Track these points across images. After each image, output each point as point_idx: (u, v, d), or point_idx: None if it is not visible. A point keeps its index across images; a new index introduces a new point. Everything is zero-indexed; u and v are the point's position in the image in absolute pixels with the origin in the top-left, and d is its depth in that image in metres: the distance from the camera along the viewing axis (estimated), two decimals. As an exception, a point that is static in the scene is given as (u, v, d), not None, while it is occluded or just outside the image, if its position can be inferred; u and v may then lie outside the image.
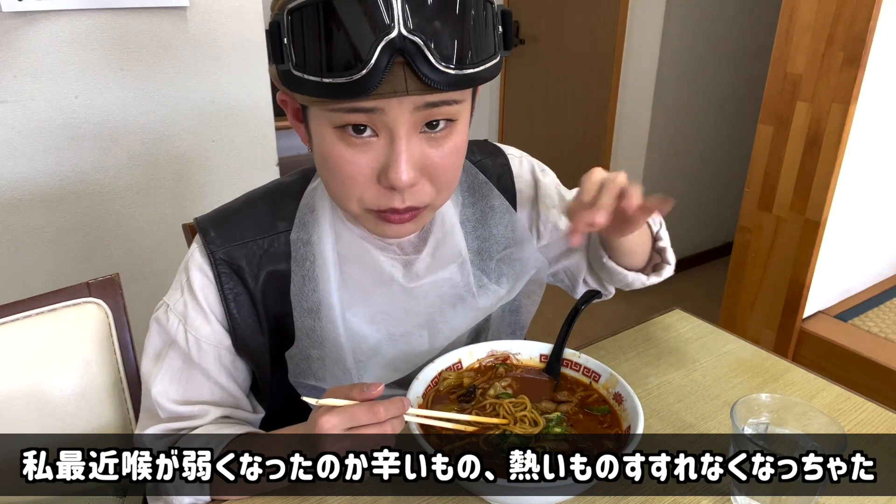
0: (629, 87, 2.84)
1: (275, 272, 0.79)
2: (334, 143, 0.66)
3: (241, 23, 1.82)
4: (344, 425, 0.61)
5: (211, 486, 0.72)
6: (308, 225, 0.79)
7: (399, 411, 0.63)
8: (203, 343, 0.78)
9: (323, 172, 0.72)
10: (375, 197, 0.69)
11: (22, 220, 1.70)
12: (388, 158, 0.65)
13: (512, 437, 0.72)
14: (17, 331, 0.86)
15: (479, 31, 0.63)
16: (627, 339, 1.06)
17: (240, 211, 0.81)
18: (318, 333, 0.79)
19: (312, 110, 0.68)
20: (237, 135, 1.93)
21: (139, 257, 1.89)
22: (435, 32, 0.60)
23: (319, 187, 0.81)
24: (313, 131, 0.69)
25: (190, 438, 0.76)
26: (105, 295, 0.91)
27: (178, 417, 0.78)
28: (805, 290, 1.85)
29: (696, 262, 3.31)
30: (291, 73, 0.62)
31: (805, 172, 1.77)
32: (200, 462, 0.67)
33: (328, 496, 0.74)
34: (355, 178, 0.67)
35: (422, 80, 0.61)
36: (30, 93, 1.61)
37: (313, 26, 0.60)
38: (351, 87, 0.60)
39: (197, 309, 0.78)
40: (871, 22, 1.56)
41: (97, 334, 0.90)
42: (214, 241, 0.78)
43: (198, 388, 0.79)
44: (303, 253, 0.79)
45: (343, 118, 0.64)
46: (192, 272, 0.78)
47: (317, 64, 0.60)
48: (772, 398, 0.73)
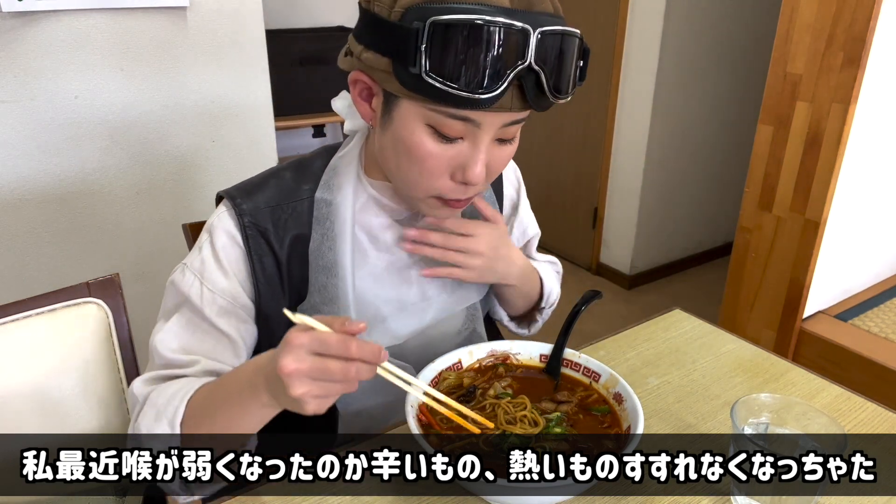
0: (629, 87, 2.84)
1: (299, 236, 0.83)
2: (424, 137, 0.72)
3: (241, 23, 1.82)
4: (312, 347, 0.58)
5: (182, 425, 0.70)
6: (332, 187, 0.84)
7: (372, 357, 0.59)
8: (218, 297, 0.79)
9: (400, 158, 0.75)
10: (446, 188, 0.76)
11: (22, 220, 1.70)
12: (468, 159, 0.73)
13: (512, 438, 0.72)
14: (17, 331, 0.86)
15: (573, 67, 0.73)
16: (627, 339, 1.06)
17: (265, 181, 0.85)
18: (330, 291, 0.82)
19: (407, 103, 0.71)
20: (237, 135, 1.92)
21: (139, 257, 1.89)
22: (552, 66, 0.69)
23: (347, 155, 0.85)
24: (400, 120, 0.72)
25: (172, 382, 0.75)
26: (105, 295, 0.91)
27: (170, 365, 0.78)
28: (805, 290, 1.85)
29: (696, 262, 3.31)
30: (418, 76, 0.66)
31: (805, 172, 1.77)
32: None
33: (328, 496, 0.74)
34: (433, 171, 0.74)
35: (527, 101, 0.70)
36: (30, 93, 1.61)
37: (458, 43, 0.64)
38: (473, 100, 0.66)
39: (216, 265, 0.80)
40: (871, 22, 1.56)
41: (97, 334, 0.90)
42: (242, 206, 0.81)
43: (201, 342, 0.79)
44: (325, 213, 0.83)
45: (441, 121, 0.70)
46: (216, 233, 0.81)
47: (452, 76, 0.65)
48: (772, 398, 0.73)
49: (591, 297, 0.91)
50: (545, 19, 0.67)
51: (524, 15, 0.66)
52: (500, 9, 0.65)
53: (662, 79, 2.73)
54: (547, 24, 0.67)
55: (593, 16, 2.90)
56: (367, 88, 0.76)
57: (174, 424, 0.70)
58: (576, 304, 0.90)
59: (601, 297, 0.93)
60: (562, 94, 0.72)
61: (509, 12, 0.65)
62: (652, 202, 2.97)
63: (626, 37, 2.79)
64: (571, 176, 3.21)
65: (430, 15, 0.64)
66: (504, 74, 0.66)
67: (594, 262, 3.23)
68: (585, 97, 3.02)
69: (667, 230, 3.12)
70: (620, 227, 3.06)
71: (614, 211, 3.07)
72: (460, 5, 0.64)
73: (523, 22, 0.65)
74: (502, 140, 0.75)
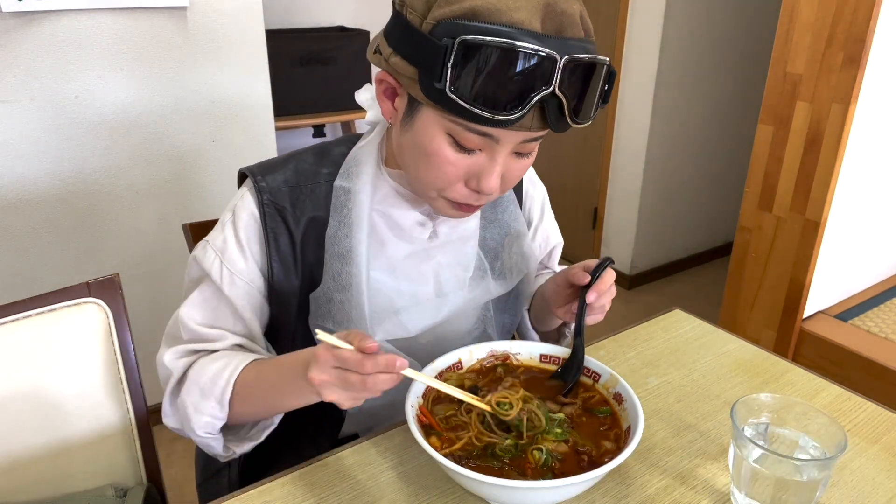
0: (629, 88, 2.84)
1: (315, 218, 0.85)
2: (443, 145, 0.73)
3: (241, 23, 1.82)
4: (334, 363, 0.65)
5: (230, 403, 0.78)
6: (352, 175, 0.85)
7: (387, 368, 0.64)
8: (236, 278, 0.83)
9: (418, 160, 0.77)
10: (459, 194, 0.77)
11: (22, 220, 1.70)
12: (484, 170, 0.74)
13: (511, 440, 0.72)
14: (17, 331, 0.85)
15: (597, 92, 0.73)
16: (627, 339, 1.06)
17: (286, 161, 0.88)
18: (345, 278, 0.84)
19: (429, 110, 0.72)
20: (237, 135, 1.93)
21: (139, 257, 1.89)
22: (575, 93, 0.70)
23: (367, 146, 0.87)
24: (421, 124, 0.74)
25: (209, 360, 0.81)
26: (105, 295, 0.90)
27: (199, 339, 0.84)
28: (805, 290, 1.85)
29: (696, 262, 3.31)
30: (443, 92, 0.66)
31: (805, 172, 1.77)
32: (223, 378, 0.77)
33: (328, 496, 0.74)
34: (449, 177, 0.75)
35: (547, 123, 0.71)
36: (30, 93, 1.61)
37: (485, 65, 0.65)
38: (495, 121, 0.67)
39: (236, 245, 0.83)
40: (871, 22, 1.56)
41: (97, 334, 0.90)
42: (261, 183, 0.84)
43: (223, 318, 0.84)
44: (342, 200, 0.84)
45: (461, 133, 0.71)
46: (238, 211, 0.84)
47: (475, 97, 0.66)
48: (772, 398, 0.73)
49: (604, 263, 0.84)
50: (574, 45, 0.67)
51: (554, 41, 0.66)
52: (530, 33, 0.65)
53: (662, 79, 2.73)
54: (575, 50, 0.67)
55: (593, 16, 2.88)
56: (392, 88, 0.77)
57: (223, 402, 0.78)
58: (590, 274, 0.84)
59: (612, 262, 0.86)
60: (582, 120, 0.72)
61: (539, 37, 0.65)
62: (652, 202, 2.97)
63: (626, 37, 2.79)
64: (571, 176, 3.21)
65: (460, 32, 0.64)
66: (527, 99, 0.66)
67: (594, 262, 3.22)
68: (585, 97, 3.02)
69: (667, 230, 3.12)
70: (620, 227, 3.06)
71: (614, 211, 3.07)
72: (492, 25, 0.64)
73: (552, 48, 0.65)
74: (520, 154, 0.76)
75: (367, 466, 0.78)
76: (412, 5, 0.69)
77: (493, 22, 0.64)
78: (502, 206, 0.95)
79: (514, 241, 0.96)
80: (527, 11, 0.65)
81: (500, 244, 0.95)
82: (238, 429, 0.85)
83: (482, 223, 0.94)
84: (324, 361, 0.66)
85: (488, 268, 0.94)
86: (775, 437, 0.73)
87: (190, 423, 0.80)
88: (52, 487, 0.88)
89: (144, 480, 0.95)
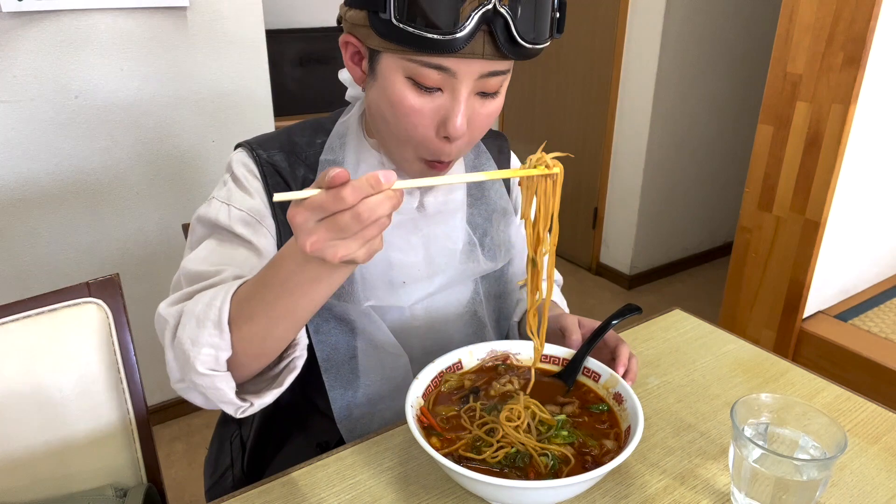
0: (629, 87, 2.84)
1: (310, 180, 0.86)
2: (405, 90, 0.73)
3: (241, 23, 1.82)
4: (314, 217, 0.55)
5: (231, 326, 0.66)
6: (336, 149, 0.87)
7: (374, 187, 0.55)
8: (247, 215, 0.82)
9: (386, 114, 0.77)
10: (431, 146, 0.77)
11: (22, 219, 1.70)
12: (449, 111, 0.74)
13: (517, 449, 0.72)
14: (17, 331, 0.85)
15: (548, 14, 0.73)
16: (627, 339, 1.06)
17: (280, 133, 0.90)
18: None
19: (387, 57, 0.73)
20: (237, 135, 1.93)
21: (139, 257, 1.89)
22: (520, 10, 0.70)
23: (350, 119, 0.89)
24: (382, 75, 0.75)
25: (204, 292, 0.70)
26: (105, 295, 0.90)
27: (196, 277, 0.75)
28: (805, 290, 1.85)
29: (696, 262, 3.31)
30: (389, 22, 0.68)
31: (805, 172, 1.77)
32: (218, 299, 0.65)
33: (328, 496, 0.74)
34: (417, 125, 0.75)
35: (498, 48, 0.70)
36: (30, 93, 1.61)
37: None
38: (442, 44, 0.68)
39: (239, 189, 0.84)
40: (871, 22, 1.56)
41: (97, 334, 0.90)
42: (258, 149, 0.86)
43: (230, 256, 0.79)
44: None
45: (418, 71, 0.71)
46: (236, 168, 0.85)
47: (418, 19, 0.67)
48: (772, 398, 0.73)
49: (628, 311, 0.88)
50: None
51: None
52: None
53: (662, 79, 2.73)
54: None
55: (593, 16, 2.90)
56: (357, 52, 0.78)
57: (221, 325, 0.65)
58: (611, 316, 0.87)
59: (640, 312, 0.89)
60: (534, 42, 0.72)
61: None
62: (652, 202, 2.97)
63: (626, 37, 2.79)
64: (571, 176, 3.21)
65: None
66: (468, 16, 0.67)
67: (594, 263, 3.23)
68: (585, 97, 3.02)
69: (667, 230, 3.12)
70: (620, 227, 3.06)
71: (614, 211, 3.07)
72: None
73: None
74: (484, 94, 0.76)
75: (367, 466, 0.78)
76: None
77: None
78: (488, 183, 0.96)
79: (501, 218, 0.97)
80: None
81: (487, 220, 0.96)
82: (256, 380, 0.73)
83: (469, 200, 0.95)
84: (303, 221, 0.55)
85: (477, 243, 0.95)
86: (775, 437, 0.73)
87: (190, 362, 0.66)
88: (52, 487, 0.88)
89: (144, 480, 0.95)
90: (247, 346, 0.66)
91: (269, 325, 0.65)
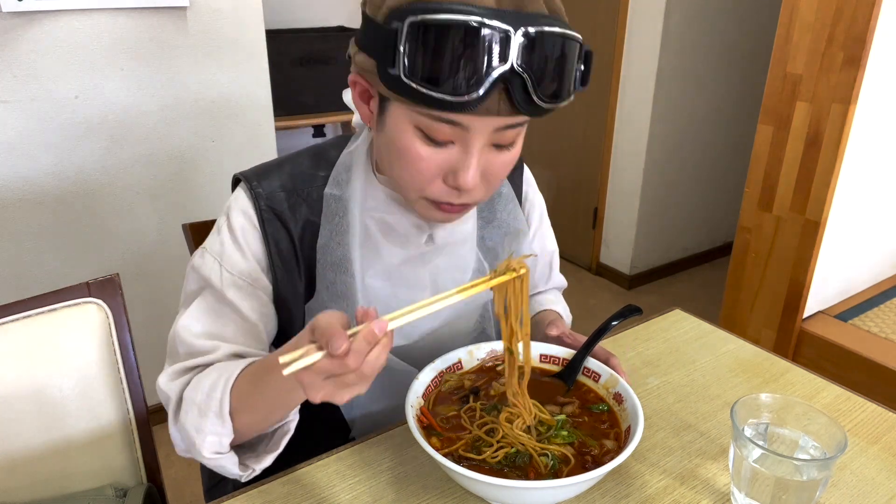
0: (629, 88, 2.84)
1: (313, 222, 0.83)
2: (413, 140, 0.70)
3: (241, 23, 1.82)
4: (321, 377, 0.59)
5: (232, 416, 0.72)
6: (342, 183, 0.83)
7: (371, 343, 0.57)
8: (238, 279, 0.80)
9: (392, 160, 0.75)
10: (438, 192, 0.74)
11: (22, 220, 1.70)
12: (460, 164, 0.70)
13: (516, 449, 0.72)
14: (17, 331, 0.85)
15: (572, 70, 0.68)
16: (627, 339, 1.06)
17: (281, 165, 0.85)
18: (338, 287, 0.82)
19: (396, 105, 0.70)
20: (237, 135, 1.93)
21: (139, 257, 1.89)
22: (539, 70, 0.64)
23: (357, 150, 0.84)
24: (391, 122, 0.71)
25: (202, 375, 0.76)
26: (105, 295, 0.90)
27: (195, 352, 0.79)
28: (805, 290, 1.85)
29: (696, 262, 3.31)
30: (399, 79, 0.63)
31: (805, 172, 1.77)
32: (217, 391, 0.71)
33: (329, 496, 0.74)
34: (424, 173, 0.72)
35: (515, 106, 0.66)
36: (30, 93, 1.61)
37: (435, 45, 0.62)
38: (455, 104, 0.64)
39: (234, 246, 0.81)
40: (871, 22, 1.56)
41: (97, 334, 0.90)
42: (257, 189, 0.82)
43: (224, 325, 0.80)
44: (333, 208, 0.82)
45: (429, 124, 0.68)
46: (233, 215, 0.82)
47: (430, 78, 0.63)
48: (772, 398, 0.73)
49: (629, 312, 0.88)
50: (535, 20, 0.63)
51: (511, 15, 0.62)
52: (485, 9, 0.61)
53: (662, 79, 2.73)
54: (536, 23, 0.63)
55: (593, 16, 2.90)
56: (365, 91, 0.75)
57: (223, 415, 0.71)
58: (611, 317, 0.86)
59: (640, 313, 0.89)
60: (554, 100, 0.67)
61: (495, 13, 0.61)
62: (652, 202, 2.97)
63: (626, 37, 2.79)
64: (571, 176, 3.21)
65: (410, 14, 0.62)
66: (484, 78, 0.62)
67: (594, 263, 3.23)
68: (585, 98, 3.02)
69: (667, 230, 3.12)
70: (620, 227, 3.06)
71: (614, 211, 3.07)
72: (443, 5, 0.61)
73: (507, 23, 0.61)
74: (499, 145, 0.72)
75: (367, 466, 0.78)
76: (372, 0, 0.68)
77: (446, 1, 0.61)
78: (501, 203, 0.94)
79: (514, 239, 0.95)
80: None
81: (499, 244, 0.94)
82: (254, 444, 0.80)
83: (480, 223, 0.92)
84: (310, 383, 0.59)
85: (487, 268, 0.92)
86: (775, 437, 0.73)
87: (196, 447, 0.74)
88: (52, 487, 0.88)
89: (144, 480, 0.95)
90: (246, 429, 0.74)
91: (268, 414, 0.73)
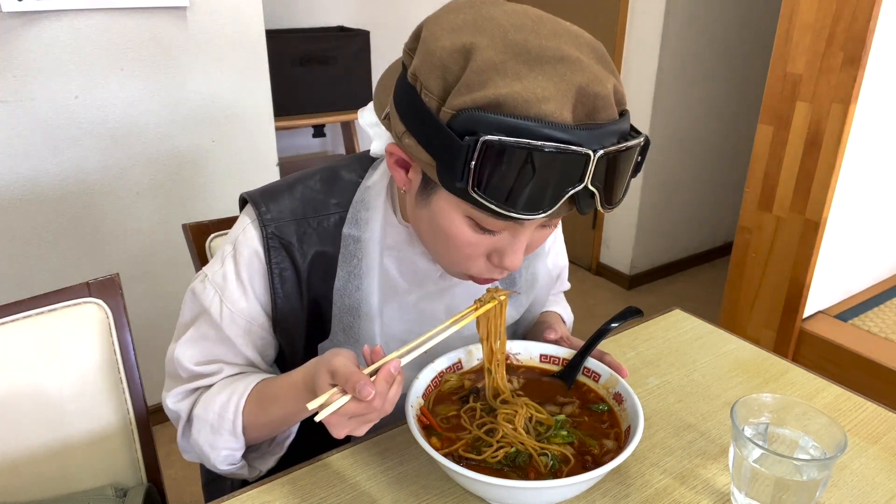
0: (629, 87, 2.83)
1: (323, 253, 0.80)
2: (462, 227, 0.68)
3: (241, 23, 1.82)
4: (347, 416, 0.63)
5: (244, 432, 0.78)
6: (360, 223, 0.80)
7: (389, 383, 0.63)
8: (237, 317, 0.80)
9: (436, 237, 0.72)
10: (480, 269, 0.72)
11: (22, 220, 1.70)
12: (508, 248, 0.69)
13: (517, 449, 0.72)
14: (17, 331, 0.85)
15: (633, 168, 0.66)
16: (627, 338, 1.06)
17: (292, 188, 0.82)
18: (356, 331, 0.81)
19: (446, 193, 0.66)
20: (237, 135, 1.93)
21: (139, 257, 1.89)
22: (610, 184, 0.64)
23: (375, 186, 0.80)
24: (438, 205, 0.68)
25: (211, 394, 0.80)
26: (105, 295, 0.90)
27: (196, 376, 0.82)
28: (805, 290, 1.85)
29: (696, 262, 3.31)
30: (465, 189, 0.61)
31: (805, 172, 1.77)
32: (229, 411, 0.76)
33: (329, 496, 0.74)
34: (470, 256, 0.71)
35: (578, 211, 0.65)
36: (30, 93, 1.61)
37: (509, 167, 0.59)
38: (521, 217, 0.62)
39: (237, 283, 0.79)
40: (871, 22, 1.56)
41: (97, 334, 0.90)
42: (266, 215, 0.79)
43: (220, 353, 0.82)
44: (352, 250, 0.80)
45: (482, 217, 0.65)
46: (240, 247, 0.80)
47: (500, 197, 0.60)
48: (772, 398, 0.73)
49: (629, 314, 0.87)
50: (609, 132, 0.61)
51: (586, 133, 0.59)
52: (560, 126, 0.58)
53: (662, 79, 2.73)
54: (610, 138, 0.61)
55: (593, 16, 2.90)
56: (405, 161, 0.70)
57: (236, 433, 0.78)
58: (611, 318, 0.86)
59: (641, 315, 0.89)
60: (615, 206, 0.67)
61: (570, 130, 0.58)
62: (652, 202, 2.97)
63: (626, 37, 2.79)
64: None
65: (482, 128, 0.58)
66: (558, 198, 0.61)
67: (594, 262, 3.23)
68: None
69: (667, 230, 3.12)
70: (620, 227, 3.06)
71: (614, 211, 3.06)
72: (518, 120, 0.57)
73: (585, 141, 0.59)
74: (544, 225, 0.71)
75: (367, 466, 0.78)
76: (427, 85, 0.62)
77: (519, 115, 0.57)
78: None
79: (532, 261, 0.93)
80: (556, 102, 0.58)
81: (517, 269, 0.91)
82: (258, 446, 0.84)
83: None
84: (336, 423, 0.63)
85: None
86: (775, 437, 0.73)
87: (210, 461, 0.79)
88: (52, 487, 0.88)
89: (144, 480, 0.95)
90: (255, 440, 0.81)
91: (272, 431, 0.81)
